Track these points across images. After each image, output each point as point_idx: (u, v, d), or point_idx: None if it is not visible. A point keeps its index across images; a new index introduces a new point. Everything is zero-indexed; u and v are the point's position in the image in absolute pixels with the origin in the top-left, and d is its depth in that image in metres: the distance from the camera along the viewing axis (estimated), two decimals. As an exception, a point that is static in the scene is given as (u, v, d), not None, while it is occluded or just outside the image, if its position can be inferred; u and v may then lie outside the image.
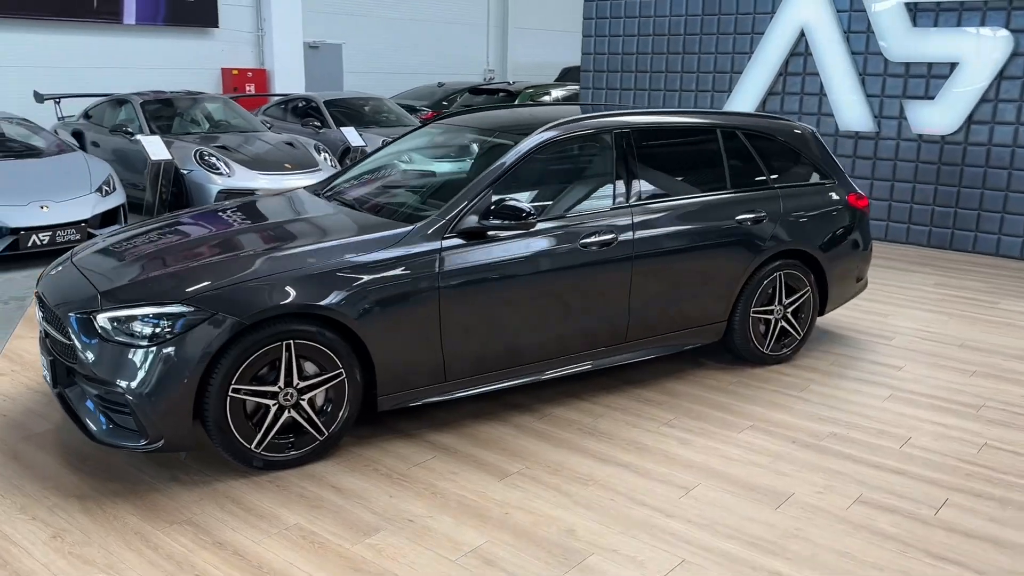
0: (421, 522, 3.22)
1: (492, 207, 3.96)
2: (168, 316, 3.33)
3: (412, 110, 15.35)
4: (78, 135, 10.65)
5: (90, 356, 3.38)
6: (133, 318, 3.34)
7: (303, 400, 3.57)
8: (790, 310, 5.06)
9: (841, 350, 5.38)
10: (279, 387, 3.50)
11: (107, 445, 3.41)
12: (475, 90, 15.00)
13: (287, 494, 3.41)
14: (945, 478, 3.68)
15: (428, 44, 19.04)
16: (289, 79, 16.06)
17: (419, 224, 3.89)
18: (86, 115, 11.02)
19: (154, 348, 3.29)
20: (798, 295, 5.07)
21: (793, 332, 5.11)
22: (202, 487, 3.45)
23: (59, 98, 11.31)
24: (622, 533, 3.17)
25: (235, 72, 15.41)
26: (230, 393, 3.39)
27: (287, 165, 9.09)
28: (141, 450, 3.37)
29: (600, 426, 4.14)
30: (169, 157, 8.82)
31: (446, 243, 3.85)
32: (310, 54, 16.96)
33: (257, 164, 8.99)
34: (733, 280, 4.76)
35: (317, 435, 3.65)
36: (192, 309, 3.34)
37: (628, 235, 4.34)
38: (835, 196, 5.26)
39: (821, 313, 5.29)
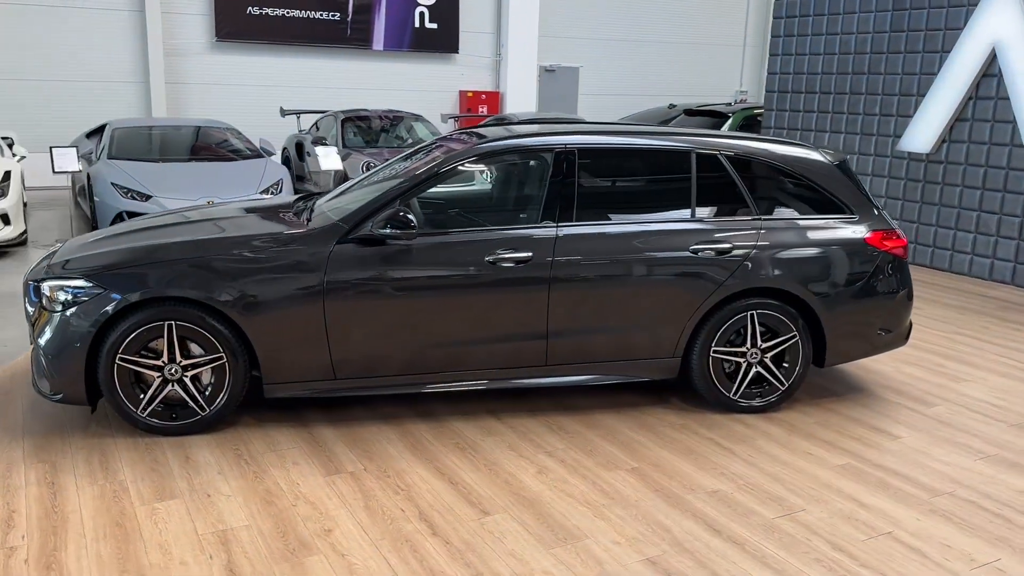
0: (219, 498, 3.50)
1: (391, 217, 4.12)
2: (73, 289, 3.96)
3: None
4: (299, 145, 12.26)
5: (33, 319, 4.12)
6: (56, 288, 4.02)
7: (186, 377, 4.02)
8: (769, 355, 4.54)
9: (847, 408, 4.68)
10: (163, 362, 3.99)
11: (41, 395, 4.11)
12: (690, 112, 14.66)
13: (140, 453, 3.88)
14: None
15: (673, 65, 18.90)
16: (521, 101, 16.92)
17: (318, 228, 4.18)
18: (316, 127, 12.64)
19: (59, 315, 3.94)
20: (780, 340, 4.53)
21: (773, 381, 4.57)
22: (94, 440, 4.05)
23: (299, 113, 13.08)
24: (381, 540, 3.19)
25: (470, 94, 16.58)
26: (117, 361, 3.94)
27: None
28: (52, 400, 4.04)
29: (481, 444, 4.10)
30: (340, 167, 9.89)
31: (337, 247, 4.09)
32: (547, 77, 17.70)
33: None
34: (683, 314, 4.40)
35: (199, 410, 4.08)
36: (91, 285, 3.94)
37: (548, 255, 4.24)
38: (846, 234, 4.61)
39: (820, 365, 4.66)
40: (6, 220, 8.08)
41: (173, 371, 4.01)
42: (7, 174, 8.24)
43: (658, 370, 4.52)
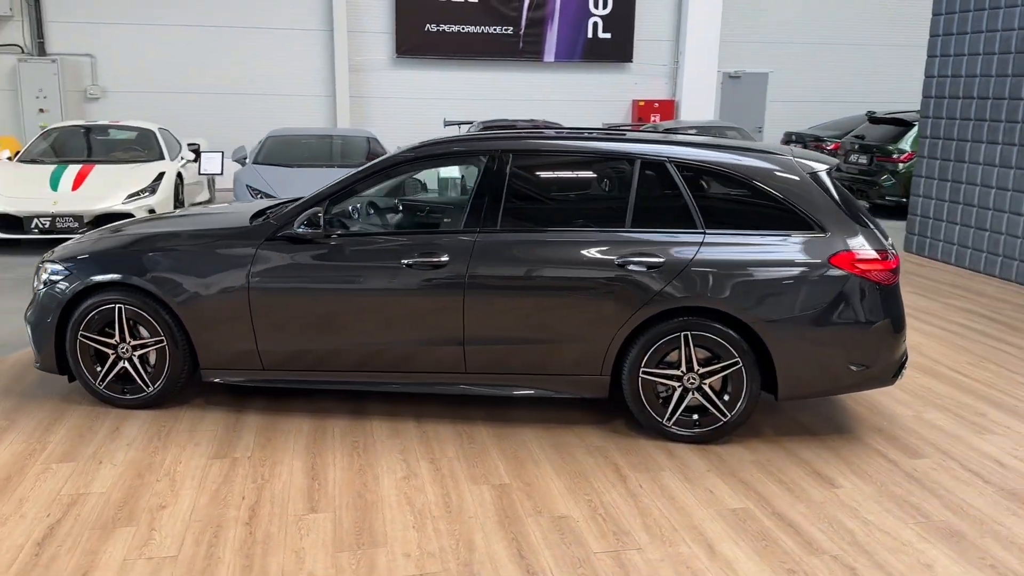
0: (106, 467, 3.86)
1: (313, 218, 4.30)
2: (51, 271, 4.54)
3: (819, 140, 14.42)
4: None
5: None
6: (44, 270, 4.62)
7: (135, 356, 4.46)
8: (708, 382, 4.14)
9: (804, 449, 4.14)
10: (115, 341, 4.46)
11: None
12: (874, 119, 13.40)
13: (85, 420, 4.35)
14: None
15: (872, 70, 17.33)
16: (697, 108, 16.38)
17: (254, 226, 4.45)
18: None
19: (40, 293, 4.54)
20: (721, 366, 4.12)
21: (714, 411, 4.16)
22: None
23: (460, 124, 13.65)
24: (196, 522, 3.37)
25: (641, 103, 16.33)
26: (79, 337, 4.47)
27: None
28: (36, 368, 4.65)
29: (376, 444, 4.14)
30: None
31: (264, 244, 4.34)
32: (730, 84, 16.97)
33: None
34: (608, 330, 4.14)
35: (144, 387, 4.50)
36: (63, 268, 4.49)
37: (465, 260, 4.19)
38: (804, 253, 4.08)
39: (776, 397, 4.17)
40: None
41: (124, 350, 4.47)
42: (160, 175, 9.45)
43: (586, 387, 4.29)
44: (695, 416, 4.20)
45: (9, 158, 10.44)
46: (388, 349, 4.31)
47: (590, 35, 15.99)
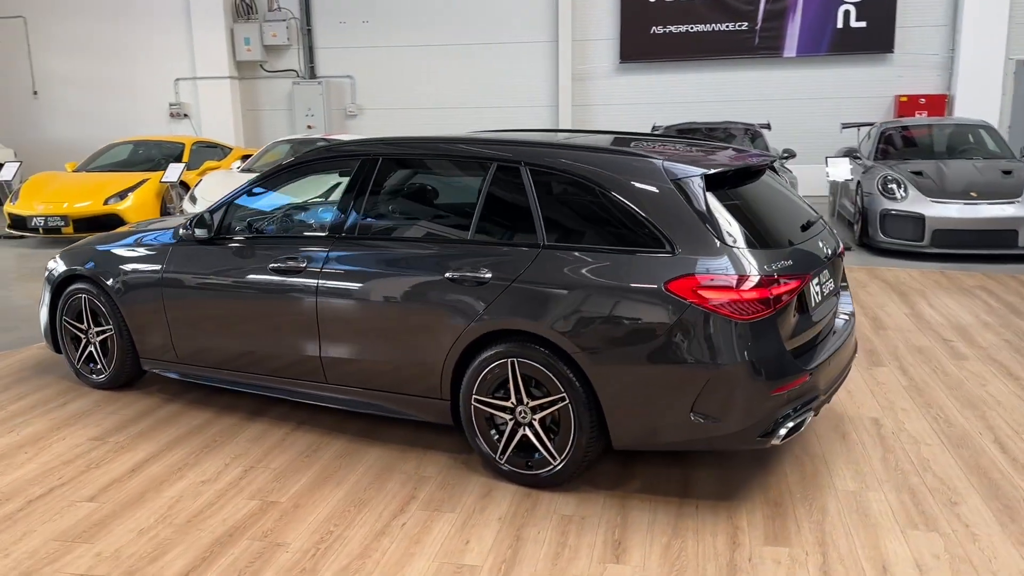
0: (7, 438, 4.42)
1: (207, 220, 4.52)
2: (53, 263, 5.27)
3: None
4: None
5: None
6: (52, 262, 5.38)
7: (95, 341, 5.03)
8: (537, 417, 3.60)
9: (641, 516, 3.40)
10: (85, 327, 5.06)
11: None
12: None
13: (63, 396, 4.98)
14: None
15: None
16: (976, 104, 13.84)
17: (180, 224, 4.77)
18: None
19: (45, 281, 5.31)
20: (548, 401, 3.56)
21: (544, 452, 3.61)
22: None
23: (860, 125, 12.18)
24: None
25: (903, 99, 14.18)
26: (64, 321, 5.15)
27: (973, 194, 8.76)
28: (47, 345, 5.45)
29: (243, 447, 4.20)
30: (849, 178, 9.78)
31: (177, 243, 4.64)
32: (1025, 73, 14.06)
33: (936, 192, 8.87)
34: (439, 351, 3.79)
35: (104, 369, 5.04)
36: (59, 260, 5.20)
37: (317, 268, 4.11)
38: (639, 276, 3.36)
39: (609, 444, 3.49)
40: None
41: (91, 335, 5.06)
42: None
43: (429, 411, 3.96)
44: (531, 456, 3.68)
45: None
46: (264, 354, 4.36)
47: (840, 25, 14.27)
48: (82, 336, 5.08)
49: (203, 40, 16.02)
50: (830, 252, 3.91)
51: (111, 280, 4.81)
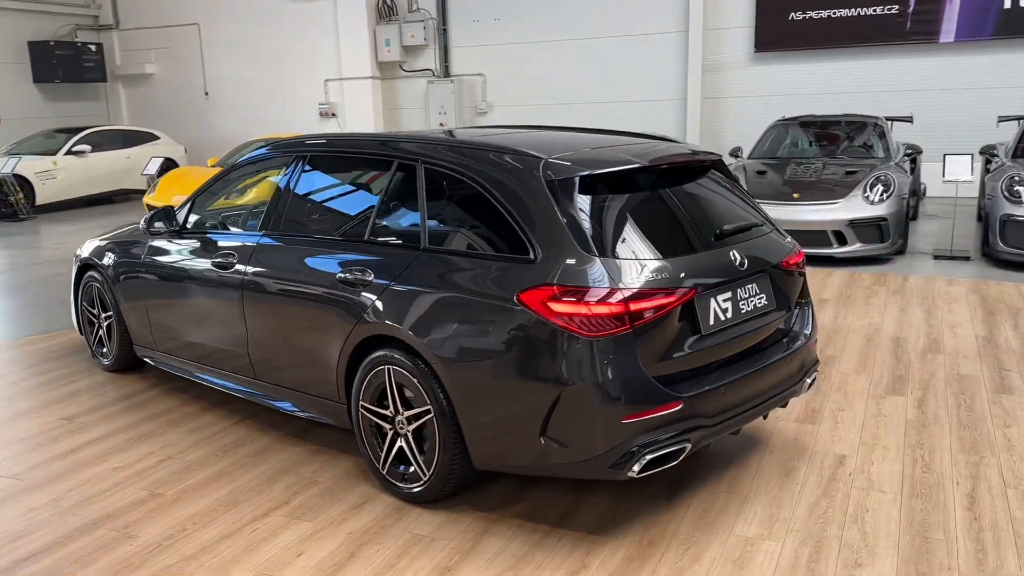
0: None
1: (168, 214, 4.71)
2: (78, 252, 5.69)
3: None
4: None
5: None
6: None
7: (103, 326, 5.38)
8: (411, 429, 3.43)
9: (494, 544, 3.14)
10: (96, 312, 5.43)
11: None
12: None
13: (72, 374, 5.37)
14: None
15: None
16: None
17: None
18: None
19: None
20: (417, 412, 3.38)
21: (416, 465, 3.43)
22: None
23: (1020, 118, 10.78)
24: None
25: (1081, 87, 12.31)
26: (82, 306, 5.55)
27: None
28: (79, 329, 5.90)
29: (204, 439, 4.34)
30: (970, 179, 9.03)
31: (154, 235, 4.86)
32: None
33: None
34: (331, 353, 3.71)
35: (109, 352, 5.38)
36: (85, 249, 5.60)
37: (243, 264, 4.16)
38: (497, 285, 3.11)
39: (470, 464, 3.26)
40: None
41: (101, 320, 5.41)
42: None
43: (331, 414, 3.89)
44: (408, 469, 3.51)
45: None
46: (209, 345, 4.46)
47: (1007, 5, 12.61)
48: (95, 321, 5.45)
49: (348, 42, 16.76)
50: (761, 263, 3.43)
51: (110, 269, 5.12)
